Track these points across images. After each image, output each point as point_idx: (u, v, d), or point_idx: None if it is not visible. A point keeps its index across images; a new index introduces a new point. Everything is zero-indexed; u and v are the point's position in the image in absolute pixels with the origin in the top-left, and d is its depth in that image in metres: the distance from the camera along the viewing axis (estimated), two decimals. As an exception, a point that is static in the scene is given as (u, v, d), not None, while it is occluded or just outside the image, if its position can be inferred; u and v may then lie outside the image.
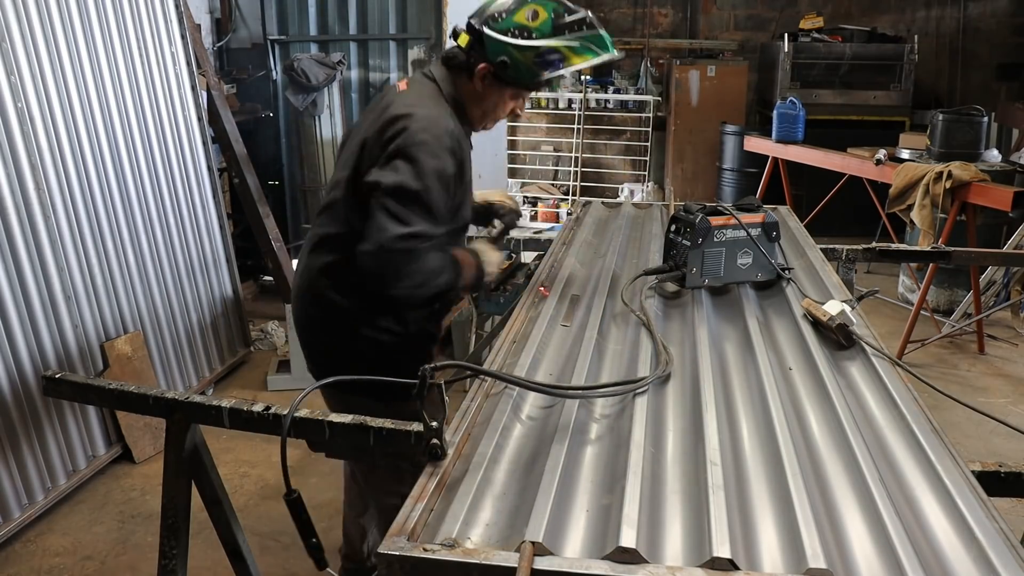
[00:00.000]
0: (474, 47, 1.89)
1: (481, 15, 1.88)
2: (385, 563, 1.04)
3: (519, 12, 1.85)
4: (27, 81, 3.06)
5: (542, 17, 1.84)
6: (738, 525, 1.12)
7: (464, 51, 1.91)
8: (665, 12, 7.38)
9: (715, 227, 1.97)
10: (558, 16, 1.86)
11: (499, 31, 1.85)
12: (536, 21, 1.84)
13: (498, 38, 1.85)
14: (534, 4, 1.85)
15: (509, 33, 1.84)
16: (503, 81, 1.91)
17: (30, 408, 2.98)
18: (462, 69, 1.94)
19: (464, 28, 1.93)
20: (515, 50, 1.85)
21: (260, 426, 1.59)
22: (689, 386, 1.55)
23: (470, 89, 1.95)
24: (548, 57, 1.86)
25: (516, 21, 1.84)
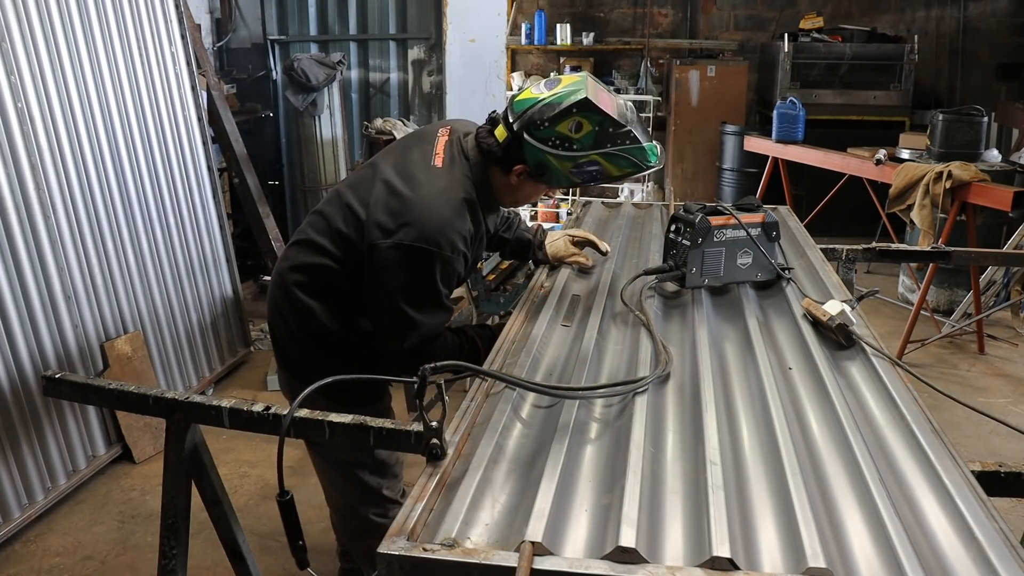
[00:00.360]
0: (511, 145, 1.85)
1: (523, 118, 1.81)
2: (385, 563, 1.04)
3: (563, 123, 1.78)
4: (27, 81, 3.06)
5: (585, 130, 1.79)
6: (738, 525, 1.12)
7: (501, 146, 1.87)
8: (665, 12, 7.38)
9: (715, 227, 1.97)
10: (602, 130, 1.79)
11: (539, 139, 1.80)
12: (579, 133, 1.79)
13: (538, 147, 1.81)
14: (579, 116, 1.78)
15: (550, 143, 1.80)
16: (537, 180, 1.90)
17: (30, 408, 2.98)
18: (496, 162, 1.91)
19: (501, 117, 1.89)
20: (554, 159, 1.82)
21: (260, 426, 1.59)
22: (689, 386, 1.55)
23: (503, 181, 1.93)
24: (586, 168, 1.84)
25: (558, 131, 1.79)
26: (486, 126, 1.94)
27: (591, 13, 7.36)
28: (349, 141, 5.85)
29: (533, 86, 1.87)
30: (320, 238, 1.96)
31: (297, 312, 2.00)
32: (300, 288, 1.98)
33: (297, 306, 1.99)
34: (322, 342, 2.00)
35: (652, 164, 1.88)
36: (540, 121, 1.79)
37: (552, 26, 7.18)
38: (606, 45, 7.32)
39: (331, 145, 5.57)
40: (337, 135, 5.60)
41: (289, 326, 2.04)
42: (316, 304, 1.97)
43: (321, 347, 2.01)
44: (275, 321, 2.09)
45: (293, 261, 2.02)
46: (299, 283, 1.99)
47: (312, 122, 5.47)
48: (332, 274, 1.95)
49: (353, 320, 1.99)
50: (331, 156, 5.58)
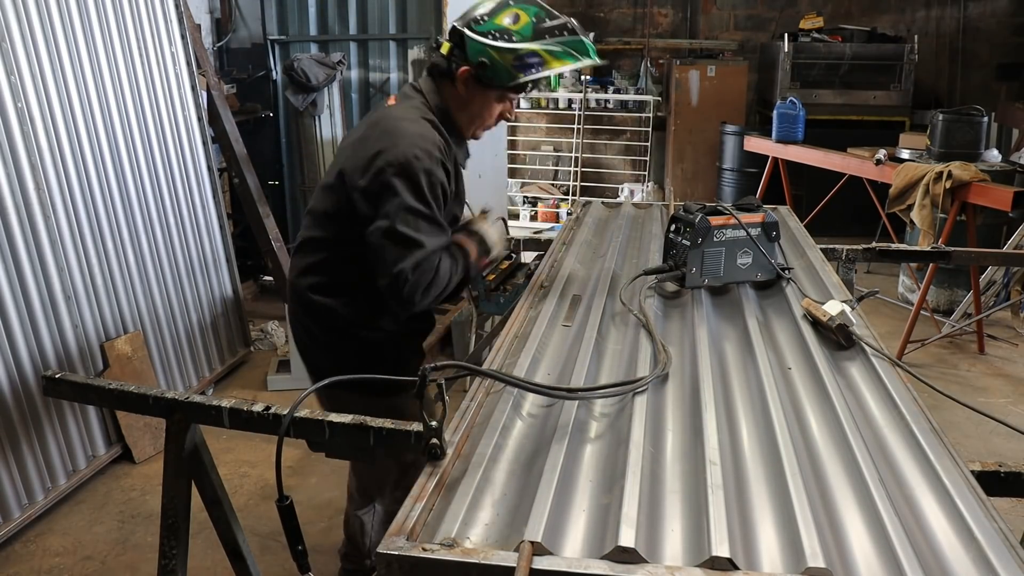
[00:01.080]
0: (454, 52, 1.92)
1: (464, 18, 1.91)
2: (384, 563, 1.04)
3: (500, 15, 1.87)
4: (27, 81, 3.06)
5: (523, 21, 1.86)
6: (737, 525, 1.12)
7: (445, 57, 1.93)
8: (665, 12, 7.38)
9: (715, 227, 1.97)
10: (539, 20, 1.87)
11: (480, 33, 1.87)
12: (517, 24, 1.86)
13: (478, 39, 1.87)
14: (516, 8, 1.87)
15: (489, 35, 1.86)
16: (484, 83, 1.92)
17: (30, 408, 2.98)
18: (445, 76, 1.95)
19: (447, 37, 1.95)
20: (494, 52, 1.86)
21: (260, 426, 1.59)
22: (689, 386, 1.55)
23: (455, 95, 1.96)
24: (527, 60, 1.87)
25: (497, 24, 1.86)
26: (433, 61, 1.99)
27: (591, 13, 7.36)
28: (349, 141, 5.84)
29: None
30: (314, 231, 2.00)
31: (317, 315, 2.01)
32: (314, 290, 2.00)
33: (316, 309, 2.01)
34: (349, 339, 2.01)
35: (592, 57, 1.92)
36: (480, 17, 1.88)
37: (552, 26, 7.17)
38: (606, 45, 7.32)
39: (331, 145, 5.57)
40: (337, 135, 5.60)
41: (313, 333, 2.05)
42: (333, 301, 1.98)
43: (350, 345, 2.02)
44: (301, 336, 2.10)
45: (299, 267, 2.04)
46: (312, 286, 2.00)
47: (312, 122, 5.46)
48: (338, 264, 1.96)
49: (375, 308, 1.98)
50: (331, 156, 5.58)
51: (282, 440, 1.44)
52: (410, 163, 1.80)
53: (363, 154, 1.86)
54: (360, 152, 1.87)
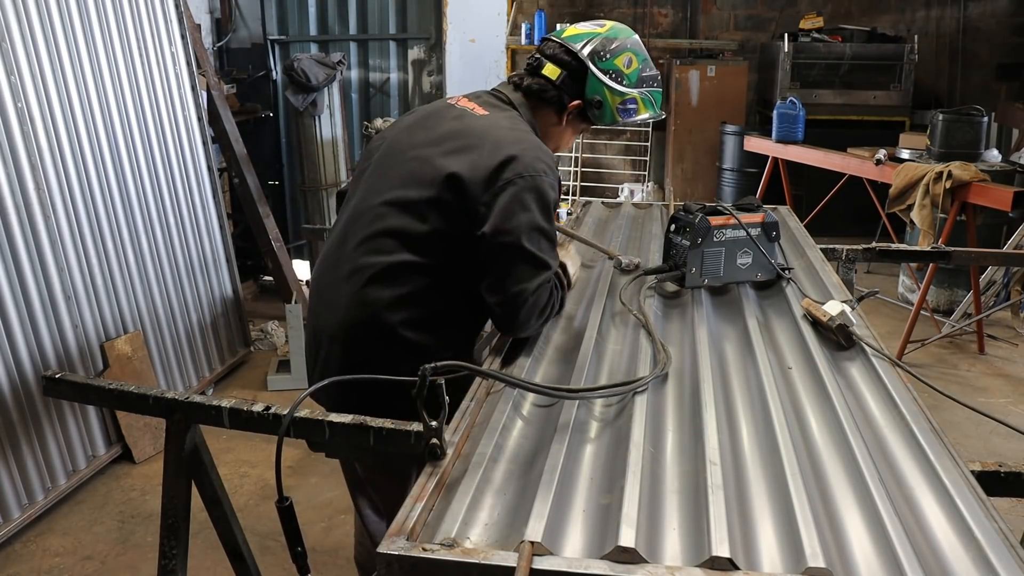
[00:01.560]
0: (565, 82, 1.87)
1: (589, 48, 1.86)
2: (384, 563, 1.04)
3: (619, 56, 1.87)
4: (27, 81, 3.06)
5: (634, 66, 1.89)
6: (737, 525, 1.12)
7: (555, 85, 1.87)
8: (665, 12, 7.38)
9: (715, 227, 1.97)
10: (644, 68, 1.92)
11: (602, 71, 1.86)
12: (630, 69, 1.88)
13: (601, 78, 1.86)
14: (631, 52, 1.89)
15: (609, 75, 1.86)
16: (585, 119, 1.92)
17: (30, 408, 2.98)
18: (548, 102, 1.89)
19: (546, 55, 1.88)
20: (609, 92, 1.87)
21: (260, 426, 1.59)
22: (688, 386, 1.55)
23: (551, 123, 1.91)
24: (628, 105, 1.91)
25: (615, 64, 1.86)
26: (521, 73, 1.92)
27: (591, 13, 7.35)
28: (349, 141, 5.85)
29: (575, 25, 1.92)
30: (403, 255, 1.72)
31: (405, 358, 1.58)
32: (409, 327, 1.72)
33: (408, 349, 1.71)
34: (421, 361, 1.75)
35: (659, 110, 2.00)
36: (603, 52, 1.85)
37: (552, 26, 7.17)
38: (606, 45, 7.32)
39: (331, 145, 5.56)
40: (337, 135, 5.59)
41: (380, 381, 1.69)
42: (430, 338, 1.73)
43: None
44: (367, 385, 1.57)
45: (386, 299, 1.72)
46: (406, 321, 1.72)
47: (312, 122, 5.46)
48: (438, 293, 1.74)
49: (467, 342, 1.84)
50: (331, 156, 5.58)
51: (282, 440, 1.43)
52: (539, 177, 1.70)
53: (484, 164, 1.68)
54: (478, 163, 1.69)
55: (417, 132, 1.84)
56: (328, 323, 1.80)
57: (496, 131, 1.77)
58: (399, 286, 1.72)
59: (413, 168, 1.75)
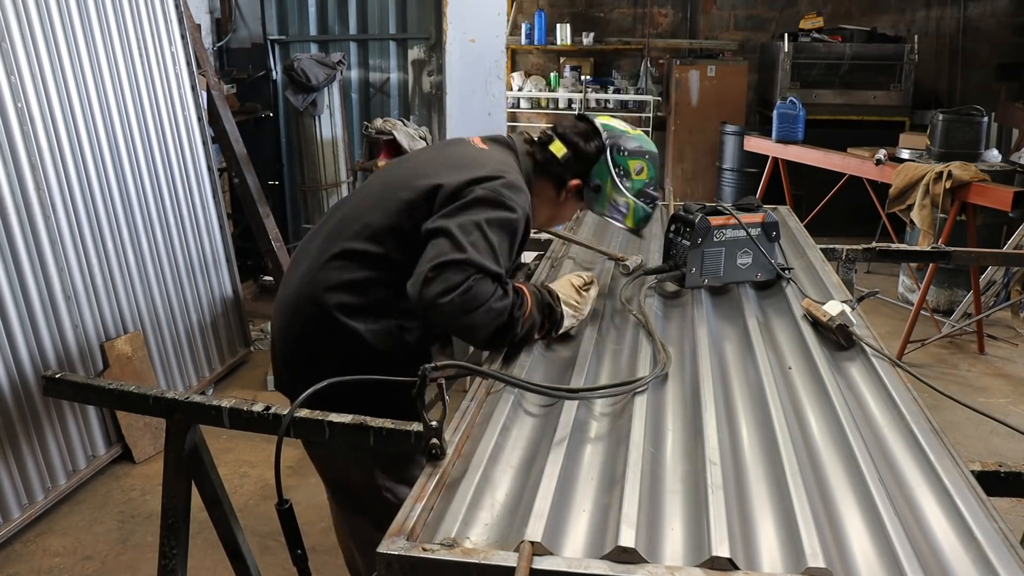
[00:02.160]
0: (570, 162, 1.93)
1: (612, 138, 1.93)
2: (384, 563, 1.04)
3: (635, 161, 1.95)
4: (27, 81, 3.06)
5: (642, 176, 1.96)
6: (737, 525, 1.12)
7: (559, 163, 1.94)
8: (665, 12, 7.38)
9: (715, 227, 1.97)
10: (649, 184, 1.98)
11: (613, 163, 1.92)
12: (638, 176, 1.96)
13: (611, 168, 1.92)
14: (645, 162, 1.96)
15: (618, 169, 1.93)
16: (582, 199, 1.98)
17: (30, 408, 2.98)
18: (550, 175, 1.96)
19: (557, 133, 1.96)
20: (611, 185, 1.93)
21: (260, 426, 1.59)
22: (688, 386, 1.55)
23: (550, 195, 1.98)
24: (620, 207, 1.97)
25: (628, 165, 1.94)
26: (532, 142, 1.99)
27: (591, 13, 7.36)
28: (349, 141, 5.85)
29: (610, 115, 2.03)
30: (364, 244, 1.79)
31: (339, 340, 1.79)
32: (343, 310, 1.78)
33: (339, 333, 1.79)
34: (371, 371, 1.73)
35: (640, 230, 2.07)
36: (622, 148, 1.93)
37: (552, 26, 7.18)
38: (606, 45, 7.33)
39: (331, 145, 5.57)
40: (337, 135, 5.60)
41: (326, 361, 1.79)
42: (363, 326, 1.78)
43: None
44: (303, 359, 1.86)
45: (330, 281, 1.80)
46: (341, 305, 1.78)
47: (312, 122, 5.46)
48: (385, 285, 1.77)
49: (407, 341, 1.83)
50: (331, 156, 5.58)
51: (281, 441, 1.44)
52: (503, 202, 1.73)
53: (460, 177, 1.76)
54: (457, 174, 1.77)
55: (430, 151, 2.00)
56: (282, 296, 1.94)
57: (487, 158, 1.87)
58: (348, 271, 1.80)
59: (410, 174, 1.86)
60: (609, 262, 2.32)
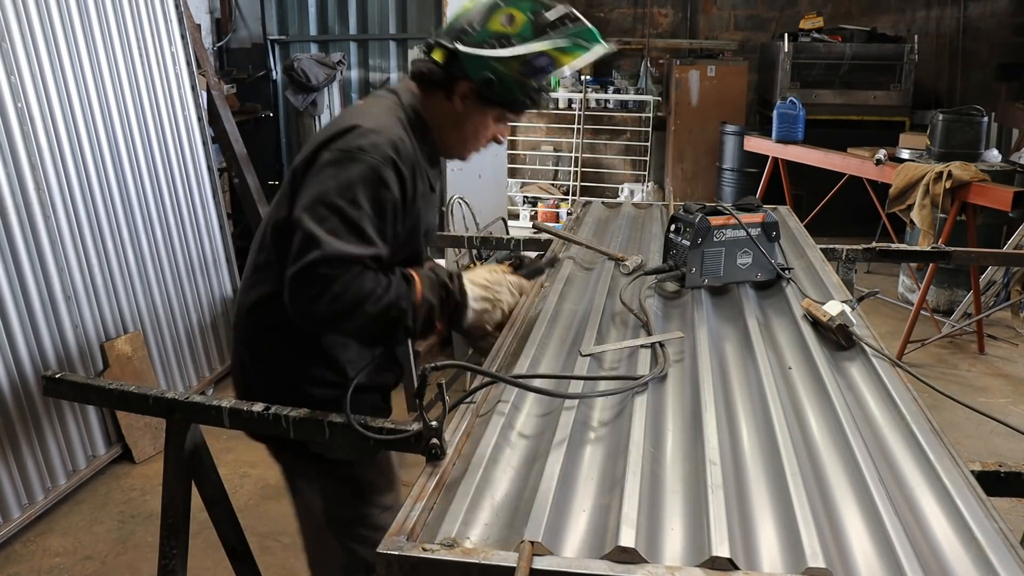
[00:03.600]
0: (452, 63, 1.63)
1: (451, 32, 1.63)
2: (384, 563, 1.04)
3: (492, 19, 1.59)
4: (27, 81, 3.07)
5: (519, 20, 1.59)
6: (737, 525, 1.12)
7: (441, 67, 1.64)
8: (665, 12, 7.38)
9: (715, 227, 1.97)
10: (537, 15, 1.60)
11: (474, 45, 1.60)
12: (514, 26, 1.59)
13: (476, 53, 1.59)
14: (507, 8, 1.60)
15: (486, 45, 1.59)
16: (488, 101, 1.66)
17: (30, 408, 2.98)
18: (438, 87, 1.67)
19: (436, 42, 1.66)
20: (498, 63, 1.59)
21: (260, 426, 1.59)
22: (689, 386, 1.55)
23: (448, 110, 1.68)
24: (536, 63, 1.61)
25: (491, 30, 1.59)
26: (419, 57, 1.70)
27: (591, 13, 7.36)
28: (349, 141, 5.85)
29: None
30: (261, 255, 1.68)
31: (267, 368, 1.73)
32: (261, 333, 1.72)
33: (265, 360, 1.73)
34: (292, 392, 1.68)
35: (600, 42, 1.66)
36: (469, 26, 1.60)
37: (552, 26, 7.18)
38: (606, 45, 7.33)
39: (331, 145, 5.57)
40: (337, 135, 5.60)
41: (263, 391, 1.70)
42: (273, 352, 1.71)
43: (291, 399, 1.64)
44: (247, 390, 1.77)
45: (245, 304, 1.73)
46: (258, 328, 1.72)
47: (312, 122, 5.46)
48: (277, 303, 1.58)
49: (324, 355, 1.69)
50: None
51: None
52: (351, 153, 1.51)
53: (312, 143, 1.60)
54: (310, 143, 1.61)
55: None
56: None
57: (349, 115, 1.65)
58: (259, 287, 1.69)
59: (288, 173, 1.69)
60: (609, 262, 2.32)
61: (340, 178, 1.49)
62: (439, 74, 1.65)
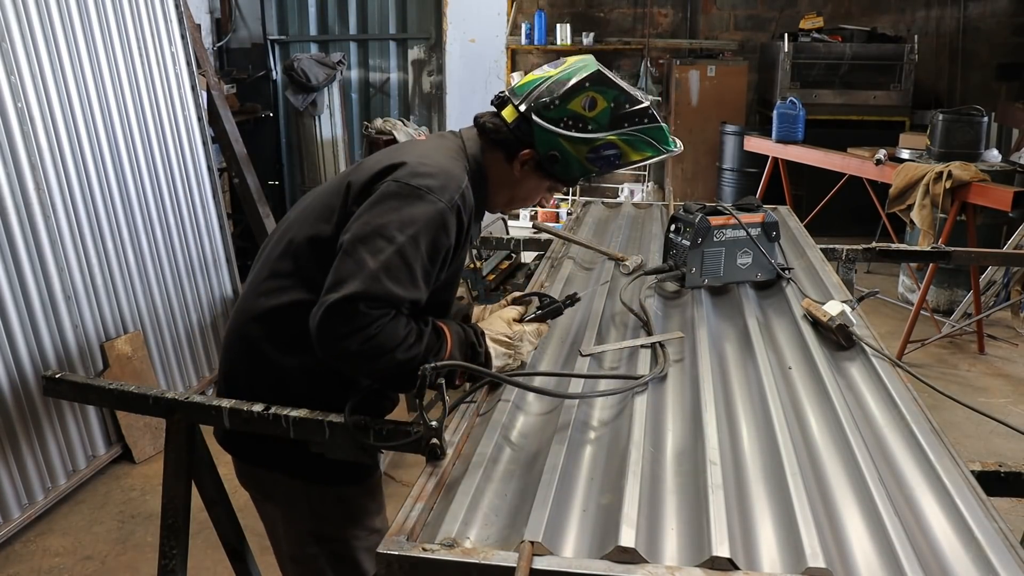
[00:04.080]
0: (521, 127, 1.59)
1: (527, 97, 1.59)
2: (384, 563, 1.04)
3: (575, 100, 1.57)
4: (27, 81, 3.06)
5: (600, 107, 1.58)
6: (737, 524, 1.12)
7: (510, 129, 1.60)
8: (665, 12, 7.38)
9: (715, 227, 1.97)
10: (618, 106, 1.59)
11: (550, 120, 1.57)
12: (593, 111, 1.58)
13: (550, 129, 1.57)
14: (592, 92, 1.58)
15: (562, 123, 1.57)
16: (547, 172, 1.63)
17: (30, 408, 2.98)
18: (502, 146, 1.62)
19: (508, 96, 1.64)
20: (568, 143, 1.57)
21: (260, 426, 1.59)
22: (689, 386, 1.55)
23: (505, 170, 1.64)
24: (604, 152, 1.60)
25: (570, 109, 1.57)
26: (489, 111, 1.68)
27: (591, 13, 7.36)
28: (349, 141, 5.85)
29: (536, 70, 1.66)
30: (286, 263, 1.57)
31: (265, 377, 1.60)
32: (269, 342, 1.58)
33: (265, 369, 1.60)
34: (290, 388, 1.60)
35: (672, 148, 1.67)
36: (550, 100, 1.57)
37: (552, 26, 7.18)
38: (606, 45, 7.32)
39: (331, 145, 5.57)
40: (337, 135, 5.60)
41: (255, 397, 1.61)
42: (291, 360, 1.57)
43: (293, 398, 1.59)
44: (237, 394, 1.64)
45: (255, 310, 1.59)
46: (267, 336, 1.58)
47: (312, 122, 5.47)
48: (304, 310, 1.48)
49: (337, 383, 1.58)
50: (331, 156, 5.58)
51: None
52: (418, 191, 1.46)
53: (373, 167, 1.54)
54: (371, 166, 1.55)
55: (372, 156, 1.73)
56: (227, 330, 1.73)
57: (408, 145, 1.63)
58: (272, 296, 1.57)
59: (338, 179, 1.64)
60: (609, 262, 2.32)
61: (403, 213, 1.43)
62: (506, 135, 1.62)
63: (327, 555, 1.72)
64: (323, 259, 1.49)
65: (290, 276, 1.56)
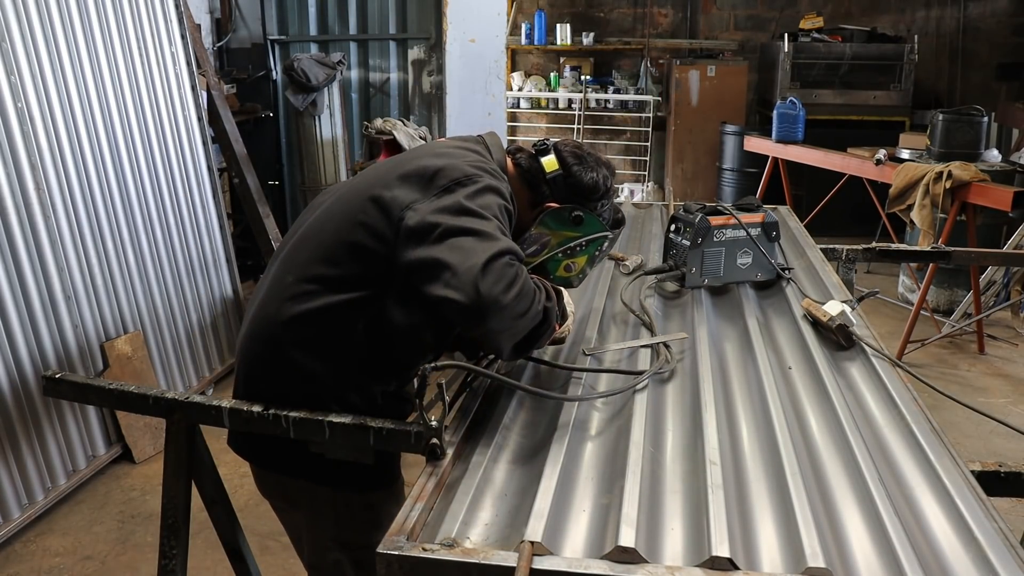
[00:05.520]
0: (558, 183, 1.68)
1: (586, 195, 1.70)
2: (384, 563, 1.04)
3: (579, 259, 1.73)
4: (27, 81, 3.06)
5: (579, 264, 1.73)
6: (737, 524, 1.12)
7: (547, 180, 1.68)
8: (665, 12, 7.37)
9: (715, 227, 1.97)
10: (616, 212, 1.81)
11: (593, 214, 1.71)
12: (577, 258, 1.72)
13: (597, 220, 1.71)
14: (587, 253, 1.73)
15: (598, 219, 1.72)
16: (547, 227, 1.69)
17: (30, 408, 2.98)
18: (528, 186, 1.69)
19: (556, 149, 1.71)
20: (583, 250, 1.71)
21: (260, 426, 1.59)
22: (689, 385, 1.55)
23: (522, 210, 1.67)
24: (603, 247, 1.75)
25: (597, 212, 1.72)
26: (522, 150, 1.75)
27: (591, 13, 7.36)
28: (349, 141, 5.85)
29: None
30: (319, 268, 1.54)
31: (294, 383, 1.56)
32: (298, 347, 1.54)
33: (291, 374, 1.56)
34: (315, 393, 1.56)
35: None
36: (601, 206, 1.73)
37: (552, 26, 7.18)
38: (606, 45, 7.32)
39: (331, 145, 5.57)
40: (337, 135, 5.60)
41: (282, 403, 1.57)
42: (320, 365, 1.54)
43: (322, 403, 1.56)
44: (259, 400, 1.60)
45: (282, 315, 1.55)
46: (295, 341, 1.54)
47: (312, 122, 5.46)
48: (340, 313, 1.50)
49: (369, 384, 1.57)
50: (331, 156, 5.58)
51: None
52: (471, 176, 1.50)
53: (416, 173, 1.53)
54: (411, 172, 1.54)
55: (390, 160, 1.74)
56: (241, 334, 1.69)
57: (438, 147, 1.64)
58: (304, 300, 1.54)
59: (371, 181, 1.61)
60: (609, 262, 2.32)
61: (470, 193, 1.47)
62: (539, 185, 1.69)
63: (350, 562, 1.70)
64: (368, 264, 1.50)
65: (322, 281, 1.53)
